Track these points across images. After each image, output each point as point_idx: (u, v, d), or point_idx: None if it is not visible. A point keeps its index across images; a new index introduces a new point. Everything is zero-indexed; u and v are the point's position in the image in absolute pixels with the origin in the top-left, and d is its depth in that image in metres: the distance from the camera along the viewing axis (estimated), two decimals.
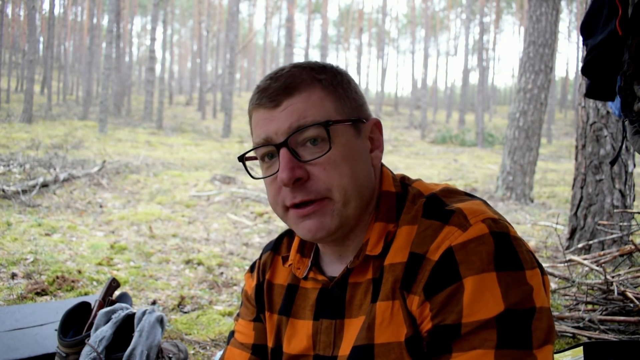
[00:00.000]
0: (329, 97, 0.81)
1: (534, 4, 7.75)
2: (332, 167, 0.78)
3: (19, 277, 3.03)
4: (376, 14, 48.16)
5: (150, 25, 20.49)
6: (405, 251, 0.77)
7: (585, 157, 4.20)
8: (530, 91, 7.76)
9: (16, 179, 6.45)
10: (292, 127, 0.78)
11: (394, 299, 0.77)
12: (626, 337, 2.27)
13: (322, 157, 0.78)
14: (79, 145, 11.45)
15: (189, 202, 6.38)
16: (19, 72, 31.44)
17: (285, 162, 0.78)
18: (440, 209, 0.78)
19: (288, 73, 0.82)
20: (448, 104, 37.75)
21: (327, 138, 0.78)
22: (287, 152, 0.78)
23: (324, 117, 0.79)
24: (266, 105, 0.81)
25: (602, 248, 3.88)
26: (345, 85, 0.85)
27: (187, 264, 3.75)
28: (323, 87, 0.82)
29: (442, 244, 0.73)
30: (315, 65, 0.85)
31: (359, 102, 0.86)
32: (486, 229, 0.72)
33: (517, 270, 0.70)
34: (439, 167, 12.81)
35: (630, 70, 1.48)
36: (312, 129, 0.78)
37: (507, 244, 0.72)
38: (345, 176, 0.79)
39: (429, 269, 0.73)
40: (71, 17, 42.20)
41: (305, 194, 0.78)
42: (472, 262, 0.70)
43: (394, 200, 0.85)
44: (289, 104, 0.79)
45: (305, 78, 0.81)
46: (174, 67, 54.61)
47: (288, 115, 0.79)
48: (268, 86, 0.82)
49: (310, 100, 0.80)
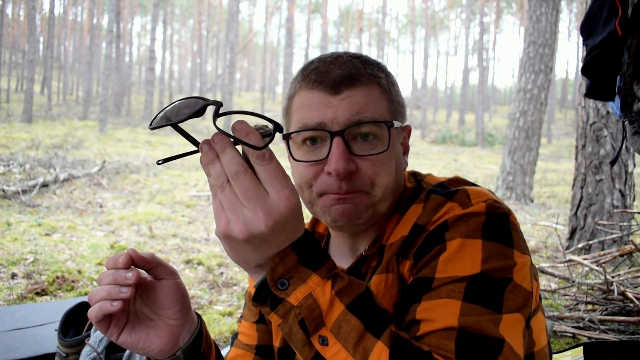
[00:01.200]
0: (385, 97, 0.82)
1: (534, 4, 7.75)
2: (381, 165, 0.79)
3: (19, 277, 3.03)
4: (376, 14, 48.19)
5: (150, 25, 20.50)
6: (405, 226, 0.80)
7: (585, 157, 4.20)
8: (530, 91, 7.76)
9: (16, 179, 6.45)
10: (352, 120, 0.78)
11: (388, 272, 0.78)
12: (626, 337, 2.27)
13: (375, 155, 0.79)
14: (79, 145, 11.45)
15: (189, 202, 6.37)
16: (19, 72, 31.45)
17: (340, 153, 0.77)
18: (446, 188, 0.81)
19: (350, 63, 0.81)
20: (448, 104, 37.76)
21: (387, 137, 0.79)
22: (342, 142, 0.77)
23: (381, 116, 0.80)
24: (325, 90, 0.79)
25: (602, 248, 3.88)
26: (396, 88, 0.86)
27: (187, 264, 3.75)
28: (381, 85, 0.82)
29: (442, 218, 0.75)
30: (373, 61, 0.85)
31: (404, 107, 0.88)
32: (484, 207, 0.74)
33: (505, 245, 0.71)
34: (439, 167, 12.81)
35: (630, 71, 1.48)
36: (372, 125, 0.78)
37: (501, 221, 0.73)
38: (390, 175, 0.81)
39: (423, 237, 0.75)
40: (71, 17, 42.23)
41: (350, 186, 0.78)
42: (460, 228, 0.72)
43: (410, 195, 0.87)
44: (350, 94, 0.79)
45: (366, 72, 0.81)
46: (174, 67, 54.65)
47: (349, 106, 0.78)
48: (329, 70, 0.80)
49: (370, 96, 0.80)
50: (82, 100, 24.40)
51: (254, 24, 52.74)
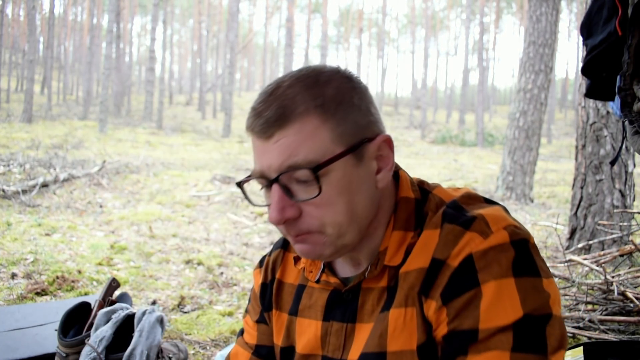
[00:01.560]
0: (326, 125, 0.73)
1: (534, 4, 7.75)
2: (326, 206, 0.74)
3: (19, 277, 3.03)
4: (376, 14, 48.18)
5: (150, 25, 20.49)
6: (423, 257, 0.75)
7: (585, 157, 4.20)
8: (530, 91, 7.76)
9: (16, 179, 6.45)
10: (283, 166, 0.73)
11: (407, 306, 0.76)
12: (626, 337, 2.27)
13: (313, 199, 0.73)
14: (79, 145, 11.45)
15: (189, 202, 6.38)
16: (19, 72, 31.44)
17: (275, 201, 0.74)
18: (462, 215, 0.76)
19: (282, 96, 0.74)
20: (448, 104, 37.74)
21: (316, 182, 0.72)
22: (279, 189, 0.74)
23: (318, 152, 0.72)
24: (259, 135, 0.75)
25: (602, 248, 3.88)
26: (349, 101, 0.76)
27: (187, 264, 3.75)
28: (320, 112, 0.73)
29: (463, 250, 0.71)
30: (315, 81, 0.76)
31: (365, 120, 0.78)
32: (507, 237, 0.71)
33: (535, 277, 0.70)
34: (439, 167, 12.81)
35: (630, 70, 1.48)
36: (302, 171, 0.72)
37: (526, 252, 0.71)
38: (340, 213, 0.75)
39: (448, 275, 0.71)
40: (71, 17, 42.22)
41: (297, 231, 0.76)
42: (492, 269, 0.69)
43: (412, 207, 0.82)
44: (281, 136, 0.73)
45: (300, 104, 0.73)
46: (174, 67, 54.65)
47: (280, 150, 0.73)
48: (260, 112, 0.74)
49: (303, 133, 0.72)
50: (82, 100, 24.40)
51: (254, 24, 52.73)
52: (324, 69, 0.79)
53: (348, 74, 0.81)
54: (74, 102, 30.19)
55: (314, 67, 0.80)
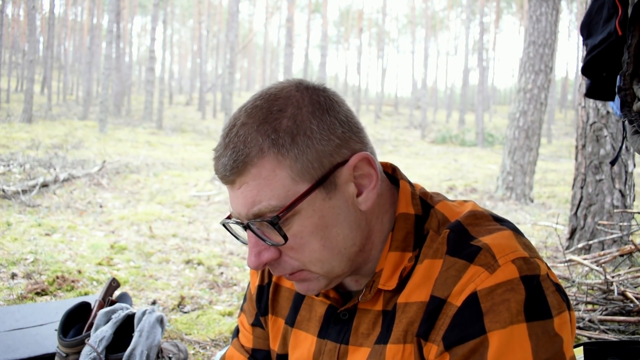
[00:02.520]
0: (282, 164, 0.67)
1: (534, 4, 7.75)
2: (300, 248, 0.70)
3: (19, 277, 3.03)
4: (376, 14, 48.19)
5: (150, 25, 20.49)
6: (423, 290, 0.70)
7: (585, 157, 4.20)
8: (530, 91, 7.76)
9: (16, 179, 6.45)
10: (250, 215, 0.69)
11: (406, 343, 0.70)
12: (626, 337, 2.27)
13: (284, 245, 0.69)
14: (79, 145, 11.45)
15: (189, 202, 6.38)
16: (19, 72, 31.45)
17: (251, 246, 0.71)
18: (466, 243, 0.69)
19: (236, 138, 0.68)
20: (448, 104, 37.75)
21: (278, 231, 0.68)
22: (252, 235, 0.71)
23: (280, 196, 0.67)
24: (222, 181, 0.72)
25: (602, 248, 3.88)
26: (307, 129, 0.68)
27: (187, 264, 3.75)
28: (274, 151, 0.67)
29: (466, 287, 0.65)
30: (268, 113, 0.69)
31: (331, 145, 0.69)
32: (516, 272, 0.64)
33: (547, 319, 0.64)
34: (439, 167, 12.81)
35: (630, 70, 1.48)
36: (264, 220, 0.68)
37: (537, 290, 0.64)
38: (316, 251, 0.70)
39: (450, 315, 0.65)
40: (71, 17, 42.22)
41: (280, 270, 0.73)
42: (499, 313, 0.62)
43: (412, 225, 0.75)
44: (242, 183, 0.69)
45: (252, 146, 0.67)
46: (174, 67, 54.67)
47: (243, 197, 0.69)
48: (219, 157, 0.71)
49: (261, 177, 0.67)
50: (82, 100, 24.39)
51: (254, 24, 52.73)
52: (279, 93, 0.71)
53: (309, 91, 0.72)
54: (74, 102, 30.20)
55: (269, 93, 0.72)
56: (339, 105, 0.73)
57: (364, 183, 0.72)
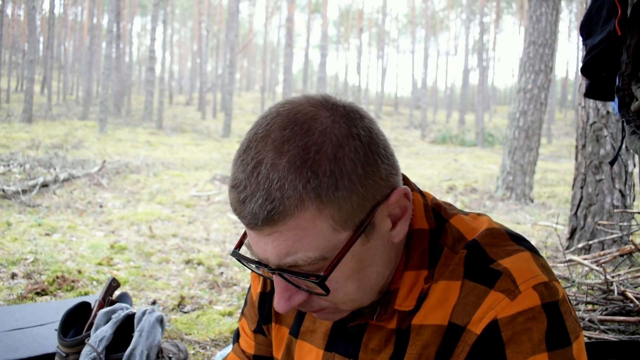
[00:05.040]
0: (324, 214, 0.60)
1: (534, 4, 7.75)
2: (334, 291, 0.65)
3: (19, 277, 3.03)
4: (376, 14, 48.18)
5: (150, 25, 20.50)
6: (439, 313, 0.67)
7: (585, 157, 4.20)
8: (530, 91, 7.76)
9: (16, 179, 6.45)
10: (282, 264, 0.63)
11: None
12: (626, 337, 2.27)
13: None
14: (79, 145, 11.45)
15: (189, 202, 6.38)
16: (19, 72, 31.45)
17: (280, 290, 0.66)
18: (485, 267, 0.67)
19: (266, 182, 0.59)
20: (448, 104, 37.76)
21: (322, 288, 0.64)
22: (281, 281, 0.66)
23: (320, 247, 0.61)
24: (247, 225, 0.63)
25: (602, 248, 3.88)
26: (352, 172, 0.61)
27: (187, 264, 3.75)
28: (316, 200, 0.59)
29: (486, 315, 0.63)
30: (304, 153, 0.59)
31: (375, 184, 0.63)
32: (538, 299, 0.63)
33: (567, 347, 0.63)
34: (439, 167, 12.81)
35: (628, 70, 1.48)
36: (303, 275, 0.63)
37: (558, 318, 0.63)
38: (351, 293, 0.67)
39: (469, 344, 0.63)
40: (71, 17, 42.22)
41: (308, 309, 0.71)
42: (521, 344, 0.61)
43: (427, 241, 0.72)
44: (274, 231, 0.61)
45: (291, 195, 0.58)
46: (174, 67, 54.66)
47: (274, 247, 0.62)
48: (243, 200, 0.61)
49: (299, 228, 0.60)
50: (82, 100, 24.40)
51: (254, 24, 52.72)
52: (310, 122, 0.61)
53: (344, 119, 0.63)
54: (74, 102, 30.20)
55: (298, 122, 0.62)
56: (377, 136, 0.66)
57: (397, 213, 0.68)
